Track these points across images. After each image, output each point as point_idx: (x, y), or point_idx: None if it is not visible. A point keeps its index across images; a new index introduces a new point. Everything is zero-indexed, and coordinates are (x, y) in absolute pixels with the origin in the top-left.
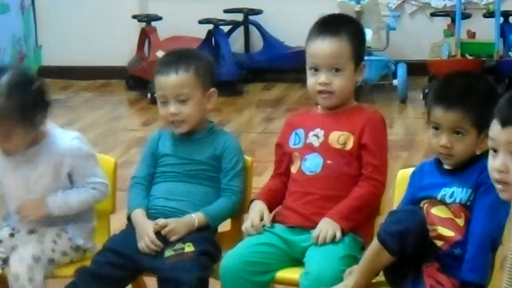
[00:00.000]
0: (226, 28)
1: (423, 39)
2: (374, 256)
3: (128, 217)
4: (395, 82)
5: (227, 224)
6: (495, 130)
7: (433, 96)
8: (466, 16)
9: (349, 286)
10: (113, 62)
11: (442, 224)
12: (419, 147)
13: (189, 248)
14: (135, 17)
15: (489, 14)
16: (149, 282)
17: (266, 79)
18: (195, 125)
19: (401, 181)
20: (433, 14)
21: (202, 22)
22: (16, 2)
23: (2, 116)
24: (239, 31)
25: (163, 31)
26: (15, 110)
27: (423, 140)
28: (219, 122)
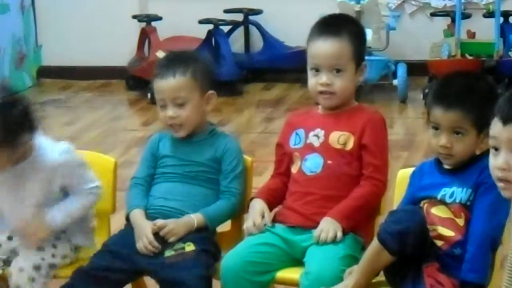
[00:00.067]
0: (226, 28)
1: (423, 39)
2: (374, 256)
3: (127, 217)
4: (395, 82)
5: (227, 224)
6: (497, 128)
7: (432, 96)
8: (466, 16)
9: (349, 286)
10: (113, 62)
11: (442, 224)
12: (419, 147)
13: (189, 247)
14: (135, 17)
15: (489, 14)
16: (149, 282)
17: (266, 79)
18: (194, 128)
19: (401, 181)
20: (433, 14)
21: (202, 22)
22: (16, 2)
23: None
24: (239, 31)
25: (163, 31)
26: None
27: (423, 140)
28: (219, 122)
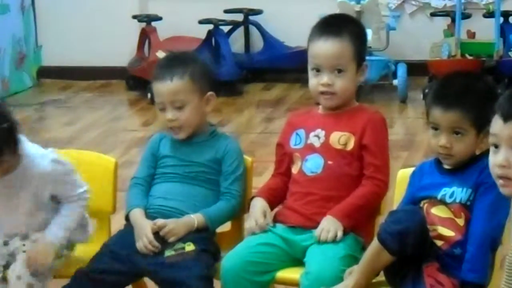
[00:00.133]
0: (226, 28)
1: (423, 39)
2: (374, 256)
3: (127, 216)
4: (395, 82)
5: (227, 224)
6: (497, 126)
7: (432, 96)
8: (466, 16)
9: (349, 286)
10: (113, 62)
11: (442, 224)
12: (419, 147)
13: (189, 247)
14: (135, 17)
15: (489, 14)
16: (150, 283)
17: (266, 79)
18: (194, 129)
19: (401, 181)
20: (433, 14)
21: (202, 22)
22: (16, 3)
23: None
24: (239, 31)
25: (163, 31)
26: None
27: (423, 140)
28: (219, 122)
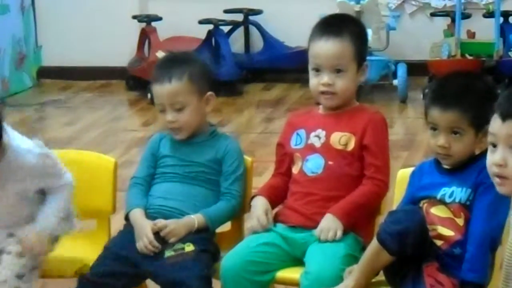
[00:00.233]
0: (226, 28)
1: (423, 39)
2: (374, 256)
3: (126, 216)
4: (395, 82)
5: (227, 224)
6: (496, 125)
7: (430, 96)
8: (466, 16)
9: (349, 286)
10: (113, 62)
11: (442, 223)
12: (419, 147)
13: (189, 247)
14: (135, 17)
15: (489, 14)
16: (151, 283)
17: (266, 79)
18: (194, 130)
19: (401, 181)
20: (433, 14)
21: (202, 22)
22: (16, 3)
23: None
24: (239, 31)
25: (163, 31)
26: None
27: (423, 140)
28: (219, 122)
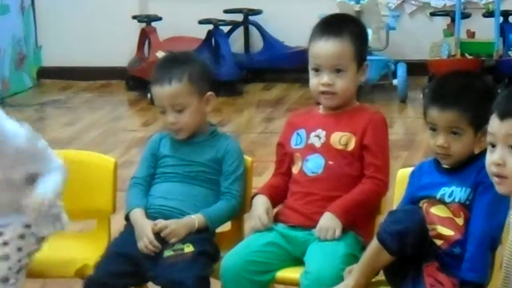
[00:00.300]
0: (226, 28)
1: (423, 38)
2: (374, 256)
3: (126, 217)
4: (395, 82)
5: (227, 224)
6: (494, 124)
7: (429, 96)
8: (465, 15)
9: (349, 285)
10: (113, 62)
11: (442, 223)
12: (419, 146)
13: (188, 248)
14: (135, 17)
15: (488, 14)
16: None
17: (266, 79)
18: (194, 130)
19: (401, 180)
20: (432, 14)
21: (202, 22)
22: (16, 3)
23: None
24: (239, 31)
25: (163, 31)
26: None
27: (423, 139)
28: (219, 122)
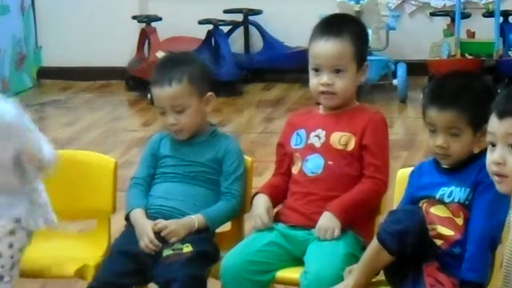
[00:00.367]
0: (226, 28)
1: (423, 39)
2: (374, 256)
3: (127, 217)
4: (395, 82)
5: (227, 224)
6: (493, 123)
7: (427, 96)
8: (465, 15)
9: (349, 285)
10: (113, 62)
11: (442, 223)
12: (419, 146)
13: (187, 248)
14: (135, 17)
15: (488, 14)
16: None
17: (266, 79)
18: (195, 131)
19: (401, 180)
20: (432, 14)
21: (202, 22)
22: (16, 3)
23: None
24: (239, 32)
25: (163, 31)
26: None
27: (423, 139)
28: (219, 122)
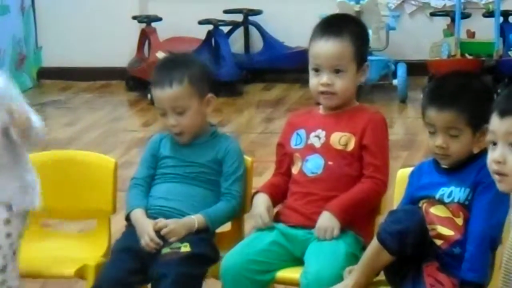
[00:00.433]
0: (226, 28)
1: (423, 39)
2: (374, 256)
3: (127, 217)
4: (395, 82)
5: (227, 224)
6: (494, 122)
7: (427, 97)
8: (465, 15)
9: (349, 285)
10: (113, 63)
11: (441, 223)
12: (419, 146)
13: (185, 248)
14: (135, 18)
15: (488, 14)
16: None
17: (266, 79)
18: (195, 132)
19: (401, 180)
20: (432, 14)
21: (202, 22)
22: (16, 4)
23: None
24: (239, 32)
25: (163, 32)
26: None
27: (423, 140)
28: (219, 122)
